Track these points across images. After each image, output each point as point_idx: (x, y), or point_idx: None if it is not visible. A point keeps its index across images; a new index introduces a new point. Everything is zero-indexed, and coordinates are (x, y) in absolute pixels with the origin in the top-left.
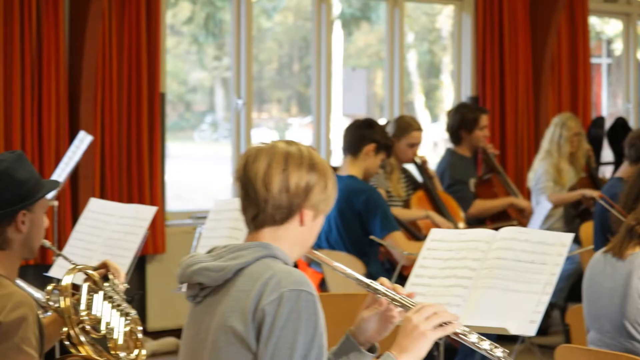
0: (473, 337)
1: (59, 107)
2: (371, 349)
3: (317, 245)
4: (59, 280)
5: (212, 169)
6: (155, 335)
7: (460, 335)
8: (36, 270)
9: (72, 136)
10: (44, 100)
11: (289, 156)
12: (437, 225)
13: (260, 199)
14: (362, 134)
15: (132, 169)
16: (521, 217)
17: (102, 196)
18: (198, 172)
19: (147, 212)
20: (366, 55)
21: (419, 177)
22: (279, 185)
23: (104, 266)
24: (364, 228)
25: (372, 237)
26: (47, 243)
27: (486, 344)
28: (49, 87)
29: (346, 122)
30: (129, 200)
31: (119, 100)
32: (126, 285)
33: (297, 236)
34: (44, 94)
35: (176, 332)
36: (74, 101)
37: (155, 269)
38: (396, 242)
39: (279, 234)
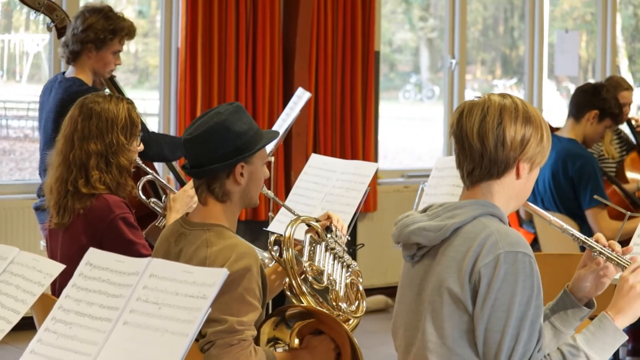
0: None
1: (273, 64)
2: (588, 304)
3: None
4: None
5: (417, 129)
6: (365, 292)
7: None
8: (247, 226)
9: (285, 93)
10: (258, 57)
11: (503, 109)
12: None
13: (476, 153)
14: (586, 99)
15: (345, 127)
16: None
17: (315, 153)
18: (403, 132)
19: (368, 169)
20: (571, 17)
21: (632, 138)
22: (494, 140)
23: (327, 218)
24: (576, 192)
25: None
26: (271, 194)
27: None
28: (264, 44)
29: (551, 85)
30: (342, 157)
31: (333, 57)
32: (348, 237)
33: (514, 190)
34: (258, 51)
35: (385, 290)
36: (288, 58)
37: (366, 226)
38: (595, 219)
39: (495, 188)
